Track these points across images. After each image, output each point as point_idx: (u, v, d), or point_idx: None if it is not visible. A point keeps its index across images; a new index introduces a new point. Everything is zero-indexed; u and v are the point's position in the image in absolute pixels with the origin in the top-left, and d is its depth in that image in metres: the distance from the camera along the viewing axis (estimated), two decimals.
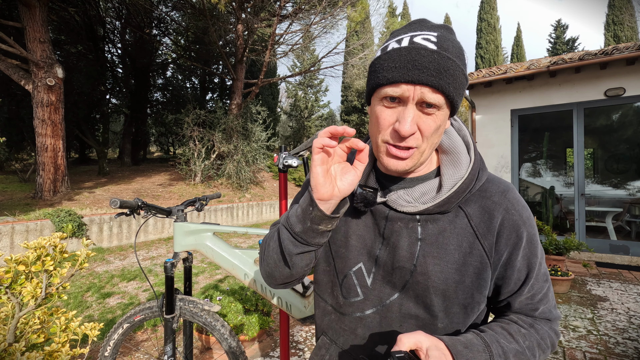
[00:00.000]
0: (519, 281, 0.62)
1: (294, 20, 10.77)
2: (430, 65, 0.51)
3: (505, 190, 0.62)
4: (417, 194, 0.62)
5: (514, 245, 0.60)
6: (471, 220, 0.60)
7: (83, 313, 3.15)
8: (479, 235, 0.60)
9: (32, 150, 9.87)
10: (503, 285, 0.62)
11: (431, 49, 0.52)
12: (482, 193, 0.62)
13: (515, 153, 6.12)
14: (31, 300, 1.03)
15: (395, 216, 0.63)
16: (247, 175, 10.58)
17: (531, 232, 0.61)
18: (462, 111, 19.01)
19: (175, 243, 1.55)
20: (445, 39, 0.54)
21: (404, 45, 0.54)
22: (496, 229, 0.59)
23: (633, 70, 5.11)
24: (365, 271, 0.65)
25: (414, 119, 0.54)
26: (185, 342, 1.63)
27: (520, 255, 0.60)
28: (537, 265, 0.62)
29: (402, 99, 0.54)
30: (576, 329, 2.90)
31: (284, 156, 1.65)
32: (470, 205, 0.61)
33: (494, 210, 0.60)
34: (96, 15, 11.49)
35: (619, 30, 21.98)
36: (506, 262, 0.61)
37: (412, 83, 0.52)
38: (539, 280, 0.63)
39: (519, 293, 0.62)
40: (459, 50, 0.55)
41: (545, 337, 0.62)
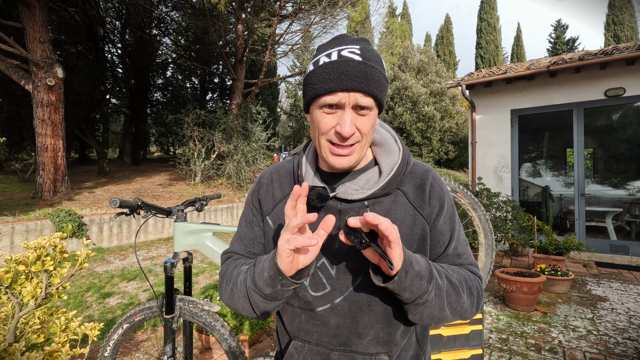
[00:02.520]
0: (444, 243, 0.72)
1: (294, 20, 10.76)
2: (359, 74, 0.60)
3: (428, 169, 0.76)
4: (362, 182, 0.70)
5: (438, 212, 0.72)
6: (409, 197, 0.72)
7: (83, 313, 3.15)
8: (417, 207, 0.71)
9: (32, 150, 9.87)
10: (431, 246, 0.72)
11: (358, 60, 0.61)
12: (412, 174, 0.74)
13: (515, 153, 6.12)
14: (31, 300, 1.03)
15: (347, 207, 0.70)
16: (247, 175, 10.57)
17: (450, 202, 0.74)
18: (462, 111, 19.01)
19: (175, 243, 1.55)
20: (366, 50, 0.64)
21: (334, 59, 0.62)
22: (428, 199, 0.72)
23: (633, 70, 5.11)
24: (328, 264, 0.70)
25: (352, 121, 0.62)
26: (185, 342, 1.63)
27: (442, 220, 0.72)
28: (457, 229, 0.74)
29: (339, 105, 0.62)
30: (576, 329, 2.90)
31: (284, 156, 1.65)
32: (406, 185, 0.73)
33: (424, 185, 0.73)
34: (96, 15, 11.49)
35: (619, 30, 21.98)
36: (432, 226, 0.72)
37: (347, 90, 0.60)
38: (460, 242, 0.74)
39: (445, 253, 0.72)
40: (378, 58, 0.65)
41: (471, 278, 0.70)
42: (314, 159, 0.78)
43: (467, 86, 6.36)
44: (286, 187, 0.79)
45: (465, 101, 17.66)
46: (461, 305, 0.66)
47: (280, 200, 0.78)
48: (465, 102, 18.62)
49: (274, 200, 0.78)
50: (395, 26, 20.85)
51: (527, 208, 6.01)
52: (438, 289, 0.62)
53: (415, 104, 18.14)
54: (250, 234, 0.80)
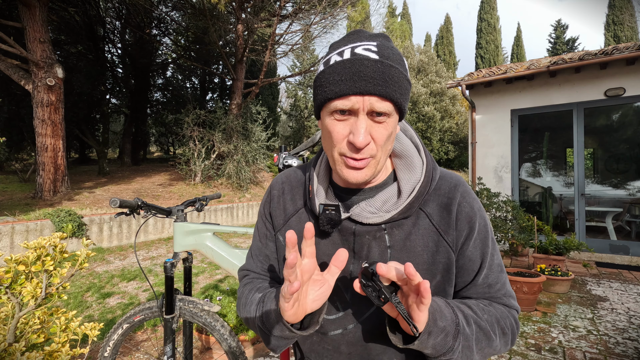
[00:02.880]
0: (473, 271, 0.63)
1: (294, 20, 10.76)
2: (375, 74, 0.52)
3: (457, 184, 0.65)
4: (379, 203, 0.62)
5: (466, 236, 0.62)
6: (432, 220, 0.62)
7: (83, 313, 3.15)
8: (441, 232, 0.62)
9: (32, 150, 9.87)
10: (458, 274, 0.64)
11: (374, 59, 0.53)
12: (437, 191, 0.64)
13: (515, 153, 6.12)
14: (31, 300, 1.03)
15: (362, 230, 0.63)
16: (247, 175, 10.57)
17: (482, 223, 0.64)
18: (462, 111, 19.01)
19: (175, 243, 1.55)
20: (385, 47, 0.55)
21: (347, 58, 0.54)
22: (454, 222, 0.62)
23: (633, 70, 5.11)
24: (343, 288, 0.65)
25: (367, 129, 0.54)
26: (185, 343, 1.63)
27: (472, 245, 0.62)
28: (490, 255, 0.64)
29: (352, 111, 0.54)
30: (576, 329, 2.90)
31: (284, 156, 1.64)
32: (429, 205, 0.63)
33: (450, 205, 0.62)
34: (96, 15, 11.49)
35: (619, 30, 21.98)
36: (459, 252, 0.62)
37: (361, 94, 0.52)
38: (493, 270, 0.64)
39: (474, 283, 0.64)
40: (399, 57, 0.56)
41: (504, 317, 0.62)
42: (327, 172, 0.71)
43: (467, 86, 6.36)
44: (298, 199, 0.73)
45: (465, 101, 17.65)
46: (493, 349, 0.60)
47: (292, 215, 0.72)
48: (465, 102, 18.62)
49: (286, 214, 0.73)
50: (395, 26, 20.85)
51: (527, 208, 6.01)
52: (466, 340, 0.55)
53: (415, 104, 18.14)
54: (264, 250, 0.76)
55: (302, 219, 0.71)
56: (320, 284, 0.56)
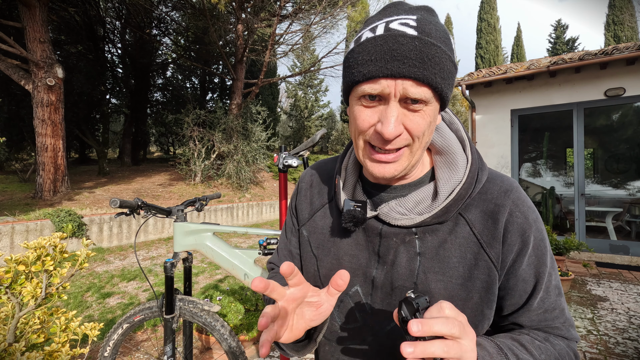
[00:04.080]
0: (525, 293, 0.54)
1: (294, 20, 10.77)
2: (411, 54, 0.44)
3: (509, 189, 0.55)
4: (411, 203, 0.55)
5: (518, 252, 0.52)
6: (473, 228, 0.54)
7: (83, 313, 3.15)
8: (483, 244, 0.53)
9: (32, 150, 9.87)
10: (506, 296, 0.54)
11: (411, 35, 0.45)
12: (483, 195, 0.55)
13: (515, 153, 6.12)
14: (31, 300, 1.03)
15: (390, 231, 0.56)
16: (247, 175, 10.58)
17: (538, 237, 0.54)
18: (462, 111, 19.01)
19: (175, 243, 1.55)
20: (426, 21, 0.47)
21: (379, 34, 0.46)
22: (501, 235, 0.52)
23: (633, 70, 5.11)
24: (362, 294, 0.59)
25: (399, 118, 0.47)
26: (185, 343, 1.63)
27: (526, 263, 0.53)
28: (547, 275, 0.54)
29: (382, 96, 0.47)
30: (576, 329, 2.90)
31: (284, 156, 1.64)
32: (471, 211, 0.54)
33: (497, 213, 0.53)
34: (96, 15, 11.49)
35: (619, 30, 21.99)
36: (509, 270, 0.53)
37: (392, 77, 0.45)
38: (550, 294, 0.55)
39: (527, 308, 0.54)
40: (444, 34, 0.48)
41: (563, 354, 0.52)
42: (356, 165, 0.64)
43: (467, 86, 6.36)
44: (325, 193, 0.67)
45: (465, 101, 17.66)
46: None
47: (318, 209, 0.67)
48: (465, 102, 18.63)
49: (312, 208, 0.68)
50: None
51: None
52: None
53: None
54: (288, 245, 0.72)
55: (327, 214, 0.65)
56: (316, 305, 0.50)
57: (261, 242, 1.52)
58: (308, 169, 0.75)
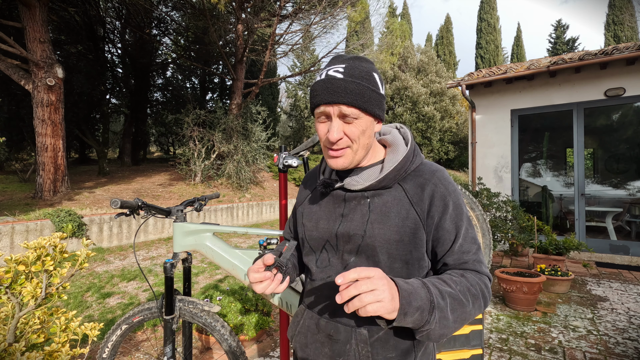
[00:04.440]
0: (449, 241, 0.77)
1: (294, 20, 10.76)
2: (339, 89, 0.71)
3: (436, 170, 0.81)
4: (365, 176, 0.80)
5: (442, 212, 0.76)
6: (407, 193, 0.78)
7: (83, 313, 3.15)
8: (413, 203, 0.77)
9: (32, 150, 9.87)
10: (437, 245, 0.78)
11: (339, 78, 0.72)
12: (417, 172, 0.81)
13: (515, 153, 6.12)
14: (31, 300, 1.03)
15: (350, 196, 0.82)
16: (247, 175, 10.57)
17: (456, 202, 0.78)
18: (462, 111, 19.01)
19: (175, 243, 1.55)
20: (351, 67, 0.73)
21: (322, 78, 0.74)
22: (427, 199, 0.76)
23: (633, 70, 5.11)
24: (332, 245, 0.83)
25: (340, 128, 0.73)
26: (184, 343, 1.63)
27: (448, 220, 0.77)
28: (464, 228, 0.78)
29: (328, 115, 0.74)
30: (576, 329, 2.90)
31: (284, 156, 1.64)
32: (407, 182, 0.79)
33: (424, 184, 0.78)
34: (96, 15, 11.48)
35: (619, 30, 21.98)
36: (437, 225, 0.77)
37: (330, 103, 0.72)
38: (467, 240, 0.78)
39: (451, 251, 0.77)
40: (365, 73, 0.74)
41: (474, 284, 0.73)
42: None
43: (467, 86, 6.36)
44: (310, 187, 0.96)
45: (465, 101, 17.66)
46: (467, 314, 0.70)
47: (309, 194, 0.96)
48: (465, 102, 18.63)
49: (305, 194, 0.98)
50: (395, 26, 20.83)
51: (527, 208, 6.01)
52: (441, 311, 0.65)
53: (415, 104, 18.13)
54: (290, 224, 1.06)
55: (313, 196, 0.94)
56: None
57: (261, 242, 1.52)
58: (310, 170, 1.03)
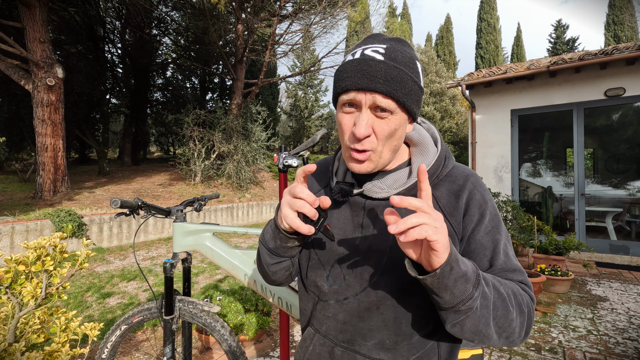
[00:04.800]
0: (486, 257, 0.64)
1: (294, 20, 10.77)
2: (378, 73, 0.57)
3: (469, 175, 0.69)
4: (390, 181, 0.68)
5: (477, 222, 0.65)
6: (439, 202, 0.66)
7: (83, 313, 3.15)
8: (446, 214, 0.65)
9: (32, 150, 9.87)
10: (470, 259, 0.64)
11: (378, 60, 0.58)
12: (449, 178, 0.69)
13: (515, 153, 6.12)
14: (31, 300, 1.03)
15: (372, 204, 0.69)
16: (247, 175, 10.57)
17: (493, 212, 0.67)
18: (462, 111, 19.02)
19: (175, 243, 1.54)
20: (394, 50, 0.60)
21: (356, 58, 0.60)
22: (462, 208, 0.65)
23: (633, 70, 5.11)
24: (348, 260, 0.70)
25: (369, 122, 0.59)
26: (184, 344, 1.63)
27: (484, 231, 0.65)
28: (503, 243, 0.65)
29: (356, 103, 0.60)
30: (576, 329, 2.90)
31: (284, 156, 1.64)
32: (439, 189, 0.68)
33: (459, 192, 0.67)
34: (96, 15, 11.48)
35: (619, 30, 21.98)
36: (470, 237, 0.65)
37: (362, 90, 0.58)
38: (510, 258, 0.65)
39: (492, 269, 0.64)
40: (409, 60, 0.60)
41: (521, 294, 0.62)
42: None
43: (467, 86, 6.36)
44: (323, 180, 0.82)
45: (465, 101, 17.67)
46: (509, 324, 0.57)
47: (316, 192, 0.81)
48: (465, 102, 18.64)
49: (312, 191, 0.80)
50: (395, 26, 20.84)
51: (527, 208, 6.01)
52: (485, 299, 0.54)
53: None
54: None
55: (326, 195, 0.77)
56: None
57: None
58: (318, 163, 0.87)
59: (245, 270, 1.52)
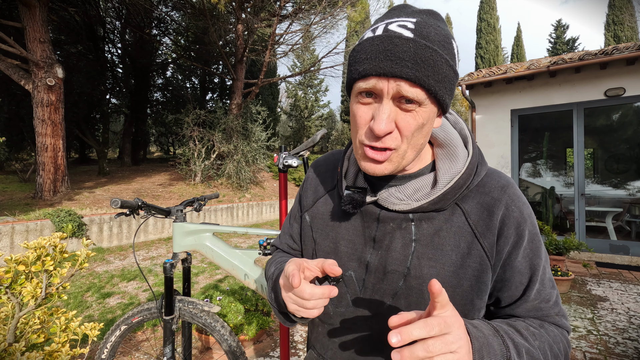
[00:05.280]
0: (522, 285, 0.55)
1: (294, 20, 10.77)
2: (405, 55, 0.45)
3: (506, 185, 0.56)
4: (410, 190, 0.56)
5: (514, 244, 0.54)
6: (469, 218, 0.55)
7: (83, 313, 3.15)
8: (477, 234, 0.54)
9: (32, 150, 9.88)
10: (503, 288, 0.56)
11: (407, 37, 0.46)
12: (481, 189, 0.56)
13: (515, 153, 6.12)
14: (31, 300, 1.03)
15: (387, 216, 0.58)
16: (247, 175, 10.58)
17: (533, 231, 0.55)
18: (462, 111, 19.01)
19: (175, 244, 1.55)
20: (425, 24, 0.47)
21: (378, 34, 0.48)
22: (497, 227, 0.54)
23: (633, 70, 5.11)
24: (356, 279, 0.60)
25: (391, 116, 0.48)
26: (184, 344, 1.63)
27: (521, 255, 0.54)
28: (542, 268, 0.56)
29: (376, 93, 0.49)
30: (576, 329, 2.90)
31: (284, 156, 1.64)
32: (468, 202, 0.56)
33: (493, 206, 0.54)
34: (96, 15, 11.49)
35: (619, 30, 21.98)
36: (505, 262, 0.54)
37: (385, 76, 0.46)
38: (545, 285, 0.56)
39: (525, 299, 0.55)
40: (444, 37, 0.48)
41: (557, 340, 0.54)
42: None
43: (467, 86, 6.36)
44: (329, 182, 0.70)
45: (465, 101, 17.67)
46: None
47: (321, 196, 0.69)
48: (465, 102, 18.65)
49: (316, 195, 0.71)
50: None
51: None
52: None
53: None
54: (290, 230, 0.76)
55: (329, 201, 0.68)
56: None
57: (261, 242, 1.52)
58: (318, 159, 0.77)
59: (246, 270, 1.52)
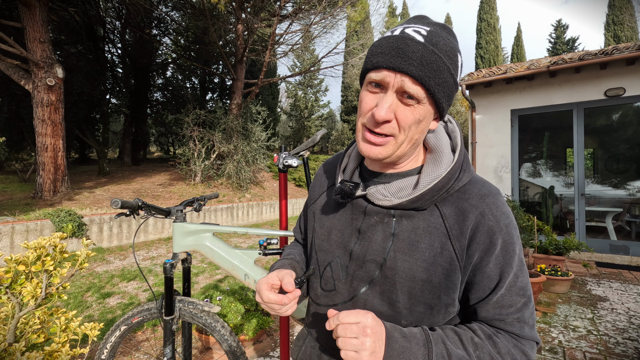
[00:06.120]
0: (488, 289, 0.59)
1: (294, 20, 10.77)
2: (414, 55, 0.52)
3: (487, 194, 0.60)
4: (395, 188, 0.62)
5: (485, 251, 0.57)
6: (445, 220, 0.59)
7: (83, 313, 3.15)
8: (451, 236, 0.58)
9: (32, 150, 9.87)
10: (472, 290, 0.60)
11: (418, 40, 0.53)
12: (462, 194, 0.60)
13: (515, 153, 6.12)
14: (31, 300, 1.03)
15: (373, 210, 0.64)
16: (247, 175, 10.58)
17: (507, 241, 0.58)
18: (462, 111, 19.02)
19: (175, 244, 1.54)
20: (437, 34, 0.54)
21: (395, 34, 0.55)
22: (468, 232, 0.58)
23: (633, 70, 5.11)
24: (340, 265, 0.68)
25: (392, 106, 0.54)
26: (184, 344, 1.63)
27: (492, 263, 0.58)
28: (512, 276, 0.58)
29: (383, 84, 0.55)
30: (576, 329, 2.90)
31: (284, 156, 1.64)
32: (447, 205, 0.60)
33: (469, 212, 0.58)
34: (96, 15, 11.48)
35: (619, 30, 21.97)
36: (475, 267, 0.58)
37: (393, 70, 0.53)
38: (511, 292, 0.58)
39: (486, 301, 0.59)
40: (451, 49, 0.55)
41: (504, 353, 0.56)
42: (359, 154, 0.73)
43: (467, 86, 6.36)
44: (332, 178, 0.78)
45: (465, 101, 17.67)
46: None
47: (324, 190, 0.78)
48: (465, 102, 18.65)
49: (320, 189, 0.80)
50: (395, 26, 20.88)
51: (527, 208, 6.01)
52: None
53: None
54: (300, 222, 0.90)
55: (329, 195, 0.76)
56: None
57: (261, 242, 1.52)
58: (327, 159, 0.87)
59: (246, 271, 1.52)
